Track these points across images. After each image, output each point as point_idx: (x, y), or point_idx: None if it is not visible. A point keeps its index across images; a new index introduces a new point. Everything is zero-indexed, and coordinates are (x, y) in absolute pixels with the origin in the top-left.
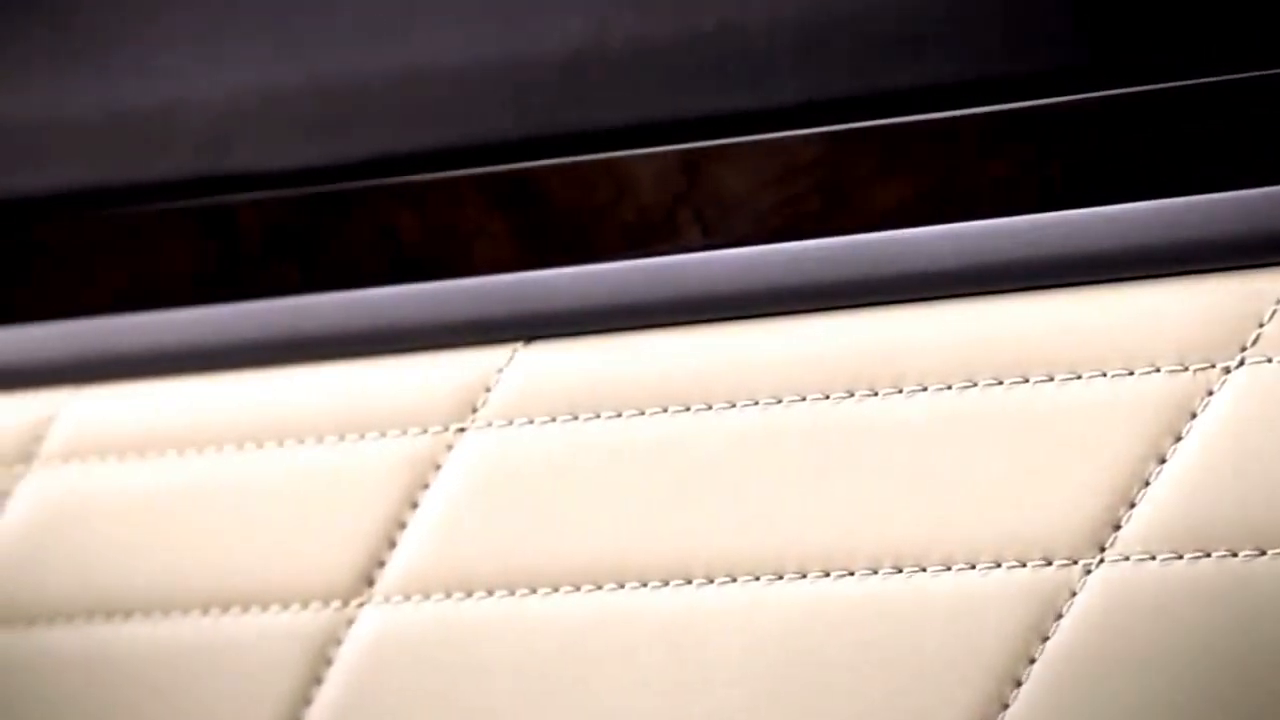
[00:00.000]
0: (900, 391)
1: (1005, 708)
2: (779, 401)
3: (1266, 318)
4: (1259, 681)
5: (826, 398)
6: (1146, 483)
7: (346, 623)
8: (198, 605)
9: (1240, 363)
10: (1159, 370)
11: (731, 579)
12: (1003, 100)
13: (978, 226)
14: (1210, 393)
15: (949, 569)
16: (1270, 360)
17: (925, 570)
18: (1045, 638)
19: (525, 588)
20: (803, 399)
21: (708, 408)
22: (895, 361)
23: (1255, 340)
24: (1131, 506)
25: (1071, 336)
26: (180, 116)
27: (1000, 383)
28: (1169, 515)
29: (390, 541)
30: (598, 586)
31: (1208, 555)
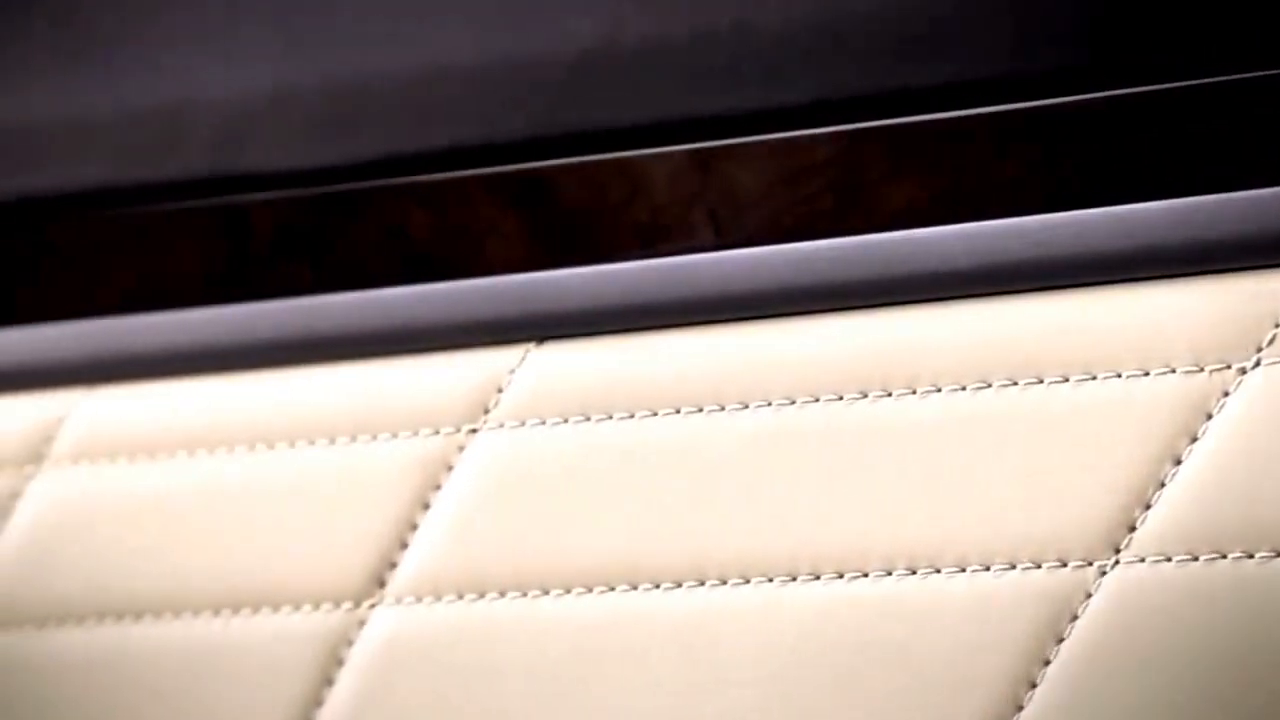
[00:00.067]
0: (914, 392)
1: (1020, 709)
2: (792, 402)
3: None
4: (1274, 683)
5: (840, 398)
6: (1162, 484)
7: (358, 624)
8: (208, 606)
9: (1256, 363)
10: (1174, 371)
11: (745, 580)
12: (1016, 100)
13: (991, 226)
14: (1226, 393)
15: (963, 570)
16: None
17: (939, 571)
18: (1060, 639)
19: (537, 589)
20: (816, 399)
21: (721, 408)
22: (909, 362)
23: (1271, 340)
24: (1147, 508)
25: (1086, 337)
26: (191, 116)
27: (1015, 383)
28: (1184, 516)
29: (402, 542)
30: (610, 588)
31: (1223, 557)
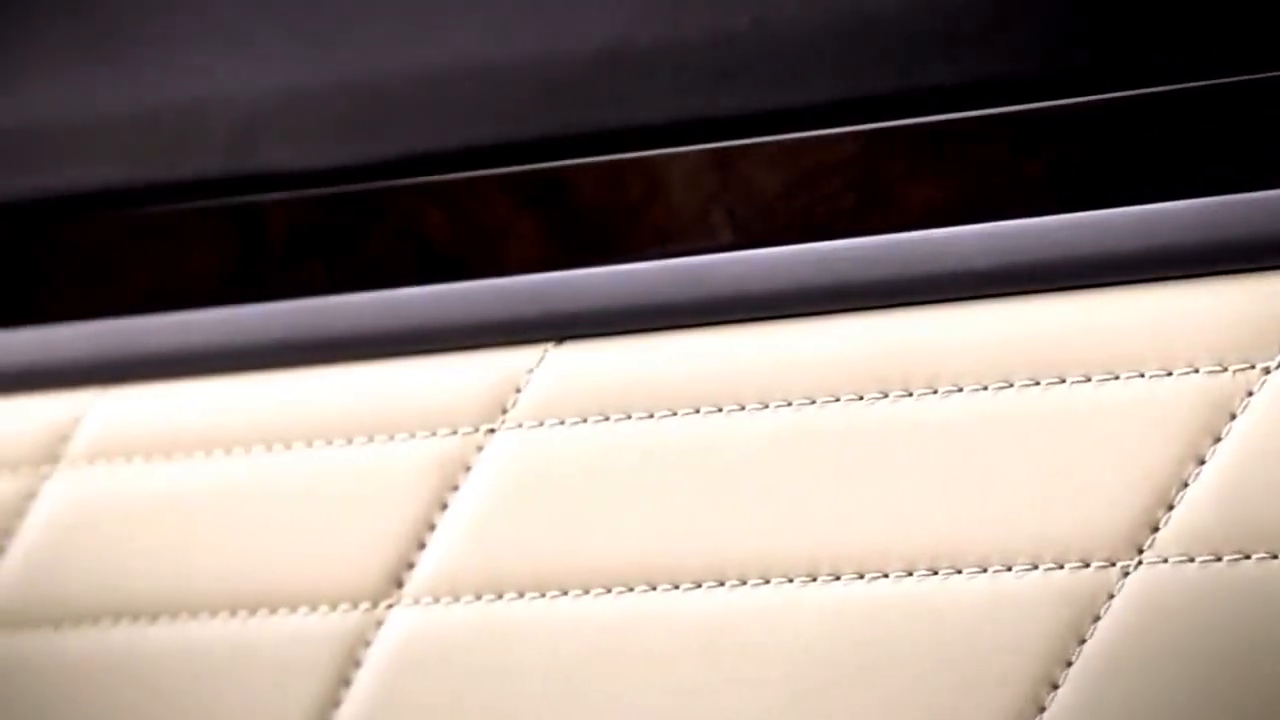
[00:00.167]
0: (935, 392)
1: (1041, 710)
2: (812, 402)
3: None
4: None
5: (860, 398)
6: (1185, 484)
7: (375, 625)
8: (224, 607)
9: None
10: (1197, 371)
11: (765, 581)
12: (1035, 100)
13: (1012, 226)
14: (1250, 393)
15: (985, 571)
16: None
17: (961, 572)
18: (1082, 640)
19: (555, 589)
20: (836, 399)
21: (740, 408)
22: (930, 362)
23: None
24: (1170, 508)
25: (1109, 337)
26: (206, 115)
27: (1036, 383)
28: (1207, 517)
29: (419, 543)
30: (629, 588)
31: (1247, 557)
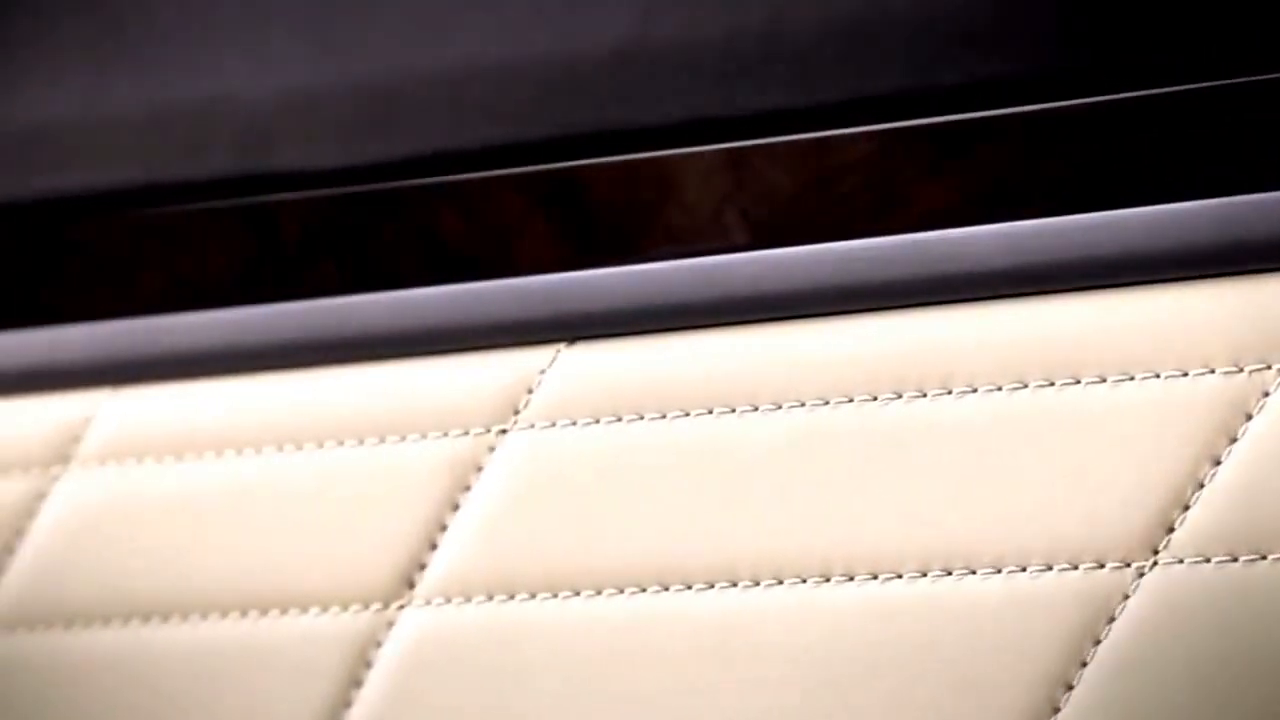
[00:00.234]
0: (950, 392)
1: (1056, 711)
2: (826, 403)
3: None
4: None
5: (874, 399)
6: (1200, 484)
7: (386, 625)
8: (235, 608)
9: None
10: (1213, 371)
11: (778, 581)
12: (1052, 99)
13: (1028, 226)
14: (1265, 393)
15: (999, 571)
16: None
17: (975, 573)
18: (1097, 641)
19: (568, 590)
20: (850, 400)
21: (754, 409)
22: (944, 362)
23: None
24: (1185, 509)
25: (1124, 337)
26: (221, 115)
27: (1051, 384)
28: (1223, 517)
29: (431, 543)
30: (641, 589)
31: (1263, 558)
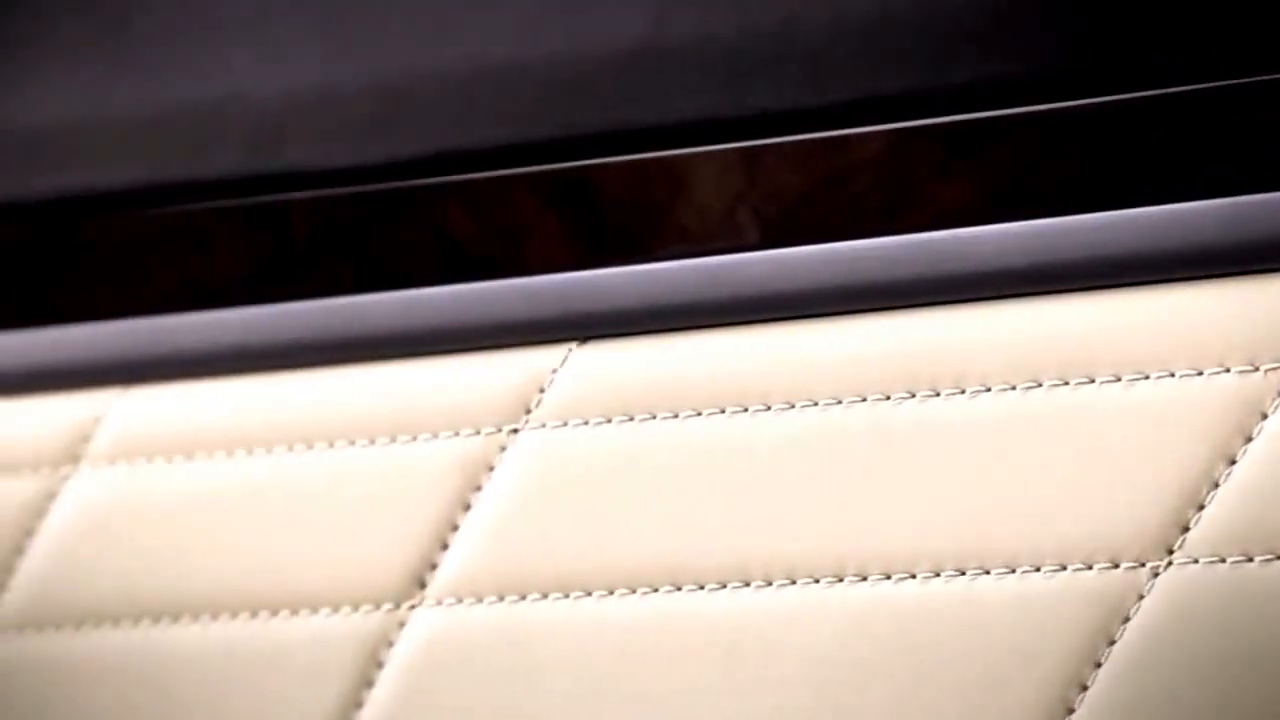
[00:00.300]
0: (963, 392)
1: (1070, 712)
2: (839, 402)
3: None
4: None
5: (887, 398)
6: (1215, 484)
7: (398, 625)
8: (247, 608)
9: None
10: (1228, 370)
11: (791, 581)
12: (1065, 98)
13: (1041, 225)
14: None
15: (1013, 572)
16: None
17: (989, 573)
18: (1111, 641)
19: (579, 590)
20: (863, 399)
21: (766, 408)
22: (957, 362)
23: None
24: (1200, 508)
25: (1139, 336)
26: (230, 114)
27: (1065, 383)
28: (1238, 517)
29: (442, 543)
30: (653, 589)
31: (1278, 558)
